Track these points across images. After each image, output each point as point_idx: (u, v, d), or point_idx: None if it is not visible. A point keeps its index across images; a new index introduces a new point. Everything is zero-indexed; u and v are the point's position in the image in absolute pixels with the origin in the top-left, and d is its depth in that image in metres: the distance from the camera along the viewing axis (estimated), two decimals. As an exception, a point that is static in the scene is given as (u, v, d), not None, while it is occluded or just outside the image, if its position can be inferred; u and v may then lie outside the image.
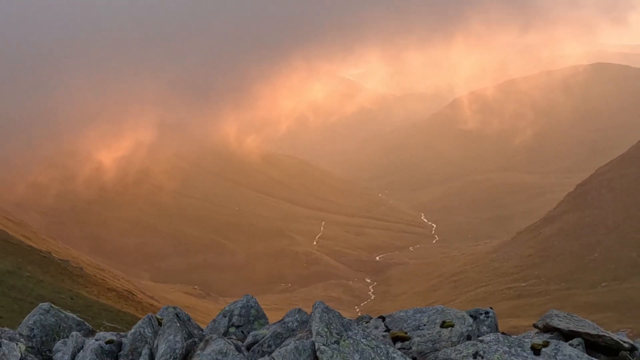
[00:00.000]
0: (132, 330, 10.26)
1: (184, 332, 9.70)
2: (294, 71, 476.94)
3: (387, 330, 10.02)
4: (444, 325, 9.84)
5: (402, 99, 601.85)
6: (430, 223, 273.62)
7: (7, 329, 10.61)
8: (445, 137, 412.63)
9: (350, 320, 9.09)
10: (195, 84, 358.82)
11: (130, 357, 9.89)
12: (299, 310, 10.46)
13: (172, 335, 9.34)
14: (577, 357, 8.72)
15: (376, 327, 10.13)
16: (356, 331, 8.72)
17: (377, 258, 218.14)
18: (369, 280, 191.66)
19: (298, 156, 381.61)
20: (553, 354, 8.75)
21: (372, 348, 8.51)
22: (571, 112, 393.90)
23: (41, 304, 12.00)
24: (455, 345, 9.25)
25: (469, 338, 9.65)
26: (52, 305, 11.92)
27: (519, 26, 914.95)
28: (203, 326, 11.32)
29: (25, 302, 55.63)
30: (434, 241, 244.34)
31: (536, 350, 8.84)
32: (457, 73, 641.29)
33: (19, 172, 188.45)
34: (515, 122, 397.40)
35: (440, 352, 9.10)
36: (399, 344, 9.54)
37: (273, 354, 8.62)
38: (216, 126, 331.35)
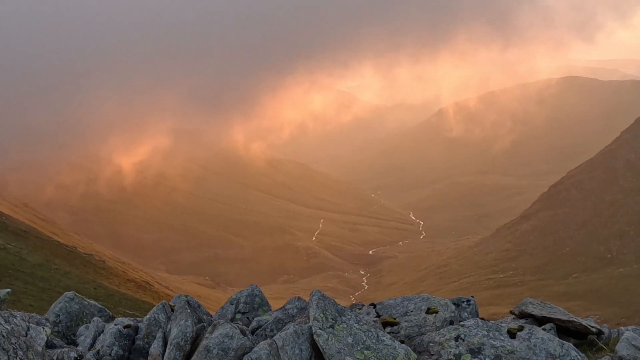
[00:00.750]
0: (148, 316, 10.24)
1: (194, 317, 9.68)
2: (296, 84, 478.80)
3: (378, 316, 10.00)
4: (429, 311, 9.82)
5: (393, 109, 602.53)
6: (417, 220, 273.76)
7: (34, 314, 10.59)
8: (432, 143, 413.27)
9: (344, 307, 9.07)
10: (208, 95, 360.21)
11: (145, 340, 9.87)
12: (299, 298, 10.45)
13: (183, 320, 9.33)
14: (549, 340, 8.70)
15: (368, 314, 10.11)
16: (349, 317, 8.70)
17: (370, 252, 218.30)
18: (362, 272, 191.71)
19: (299, 160, 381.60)
20: (527, 337, 8.74)
21: (363, 332, 8.49)
22: (545, 121, 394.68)
23: (66, 292, 11.99)
24: (439, 330, 9.23)
25: (451, 323, 9.63)
26: (76, 293, 11.91)
27: (498, 44, 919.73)
28: (213, 313, 11.31)
29: (54, 292, 55.56)
30: (421, 237, 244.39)
31: (512, 334, 8.82)
32: (443, 86, 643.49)
33: (48, 174, 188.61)
34: (495, 130, 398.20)
35: (425, 335, 9.08)
36: (388, 329, 9.53)
37: (274, 337, 8.61)
38: (226, 133, 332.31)
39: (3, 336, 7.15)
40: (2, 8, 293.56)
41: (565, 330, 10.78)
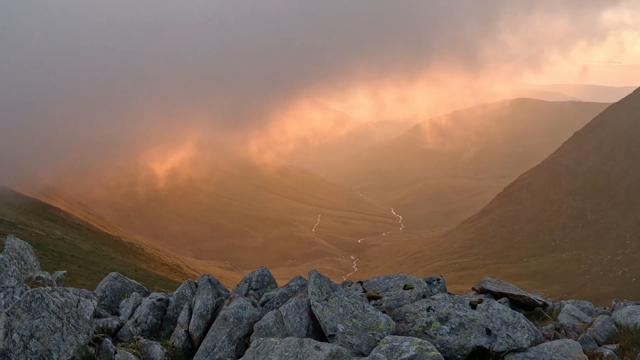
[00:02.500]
0: (176, 291, 10.25)
1: (214, 292, 9.67)
2: (301, 105, 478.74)
3: (364, 291, 9.99)
4: (405, 287, 9.81)
5: (378, 125, 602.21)
6: (397, 215, 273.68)
7: (84, 289, 10.58)
8: (409, 153, 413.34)
9: (336, 283, 9.06)
10: (230, 114, 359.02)
11: (175, 311, 9.88)
12: (300, 277, 10.44)
13: (205, 295, 9.32)
14: (504, 310, 8.69)
15: (356, 289, 10.10)
16: (341, 292, 8.69)
17: (359, 241, 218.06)
18: (353, 257, 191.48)
19: (301, 167, 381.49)
20: (486, 308, 8.73)
21: (352, 304, 8.48)
22: (501, 135, 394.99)
23: (111, 272, 11.98)
24: (414, 302, 9.22)
25: (424, 297, 9.63)
26: (119, 274, 11.91)
27: (465, 72, 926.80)
28: (230, 289, 11.28)
29: (102, 274, 55.39)
30: (400, 228, 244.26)
31: (473, 306, 8.82)
32: (419, 106, 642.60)
33: (97, 177, 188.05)
34: (462, 142, 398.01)
35: (402, 307, 9.07)
36: (372, 302, 9.52)
37: (280, 308, 8.60)
38: (243, 145, 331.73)
39: (58, 307, 7.13)
40: (66, 41, 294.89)
41: (517, 303, 10.80)
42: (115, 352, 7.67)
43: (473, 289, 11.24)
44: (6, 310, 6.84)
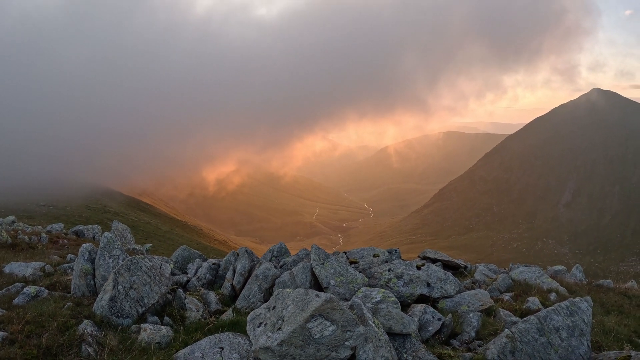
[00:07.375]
0: (225, 258, 10.26)
1: (250, 258, 9.69)
2: (309, 135, 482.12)
3: (347, 258, 10.02)
4: (374, 255, 9.84)
5: (359, 148, 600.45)
6: (369, 208, 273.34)
7: (164, 257, 10.59)
8: (379, 167, 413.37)
9: (329, 253, 9.10)
10: (261, 140, 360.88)
11: (224, 271, 9.89)
12: (305, 249, 10.47)
13: (243, 260, 9.34)
14: (438, 270, 8.73)
15: (342, 257, 10.13)
16: (332, 258, 8.73)
17: (344, 225, 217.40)
18: (339, 235, 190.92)
19: (307, 177, 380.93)
20: (426, 269, 8.77)
21: (339, 266, 8.51)
22: (438, 156, 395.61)
23: (181, 245, 11.99)
24: (379, 265, 9.26)
25: (386, 262, 9.66)
26: (187, 246, 11.91)
27: (417, 114, 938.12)
28: (260, 257, 11.30)
29: (175, 246, 55.03)
30: (371, 216, 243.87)
31: (418, 268, 8.85)
32: (386, 136, 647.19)
33: (172, 183, 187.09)
34: (413, 161, 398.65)
35: (372, 268, 9.11)
36: (353, 265, 9.54)
37: (292, 270, 8.62)
38: (269, 162, 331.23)
39: (147, 268, 7.16)
40: (157, 89, 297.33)
41: (447, 266, 10.82)
42: (185, 298, 7.69)
43: (418, 256, 11.27)
44: (114, 270, 6.90)
